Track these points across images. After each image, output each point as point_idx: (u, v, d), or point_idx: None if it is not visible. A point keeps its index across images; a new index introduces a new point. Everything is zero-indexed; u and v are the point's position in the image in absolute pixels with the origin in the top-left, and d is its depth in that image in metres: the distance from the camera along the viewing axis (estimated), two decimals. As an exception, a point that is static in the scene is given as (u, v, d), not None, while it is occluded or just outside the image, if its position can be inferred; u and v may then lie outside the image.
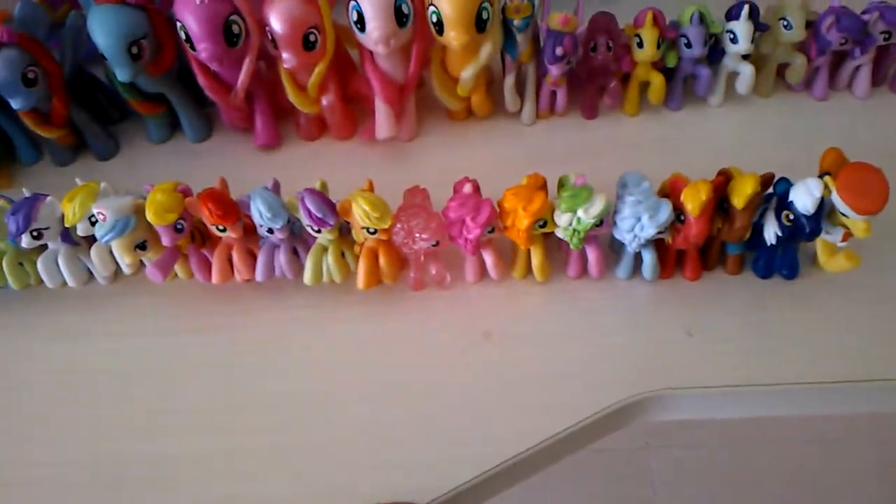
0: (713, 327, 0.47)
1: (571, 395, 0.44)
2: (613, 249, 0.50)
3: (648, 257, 0.47)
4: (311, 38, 0.51)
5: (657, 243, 0.48)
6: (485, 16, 0.50)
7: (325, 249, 0.47)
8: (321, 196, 0.44)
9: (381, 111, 0.56)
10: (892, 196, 0.51)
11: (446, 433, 0.43)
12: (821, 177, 0.42)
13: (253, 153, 0.60)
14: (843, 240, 0.43)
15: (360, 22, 0.50)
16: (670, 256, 0.48)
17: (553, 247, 0.50)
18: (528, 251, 0.48)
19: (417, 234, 0.44)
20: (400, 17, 0.50)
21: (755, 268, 0.49)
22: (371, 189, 0.46)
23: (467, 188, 0.46)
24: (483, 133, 0.60)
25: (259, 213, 0.44)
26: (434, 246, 0.46)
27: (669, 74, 0.58)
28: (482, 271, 0.50)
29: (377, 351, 0.48)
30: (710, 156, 0.56)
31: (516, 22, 0.52)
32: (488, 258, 0.48)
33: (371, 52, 0.54)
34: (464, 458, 0.42)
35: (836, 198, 0.41)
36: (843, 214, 0.41)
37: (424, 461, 0.42)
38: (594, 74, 0.57)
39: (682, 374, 0.45)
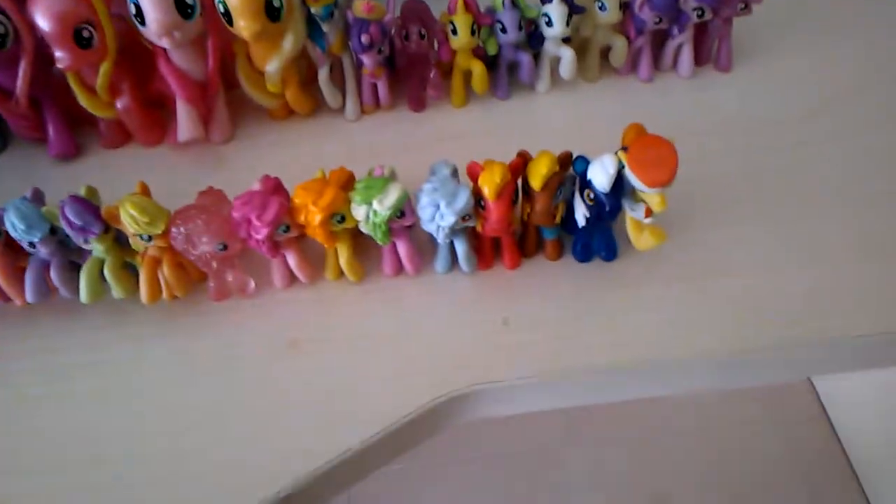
0: (531, 316, 0.45)
1: (378, 401, 0.41)
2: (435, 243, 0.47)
3: (461, 248, 0.45)
4: (85, 34, 0.46)
5: (473, 233, 0.45)
6: (276, 3, 0.46)
7: (101, 262, 0.42)
8: (83, 203, 0.40)
9: (183, 111, 0.51)
10: (710, 169, 0.51)
11: (243, 454, 0.39)
12: (616, 152, 0.41)
13: (52, 164, 0.55)
14: (647, 216, 0.41)
15: (140, 15, 0.46)
16: (486, 246, 0.46)
17: (369, 244, 0.46)
18: (336, 250, 0.45)
19: (197, 238, 0.40)
20: (183, 8, 0.46)
21: (574, 252, 0.47)
22: (144, 192, 0.42)
23: (256, 185, 0.42)
24: (305, 131, 0.57)
25: (13, 225, 0.39)
26: (223, 250, 0.42)
27: (493, 62, 0.57)
28: (291, 274, 0.46)
29: (172, 371, 0.43)
30: (540, 144, 0.54)
31: (314, 10, 0.49)
32: (291, 259, 0.45)
33: (164, 49, 0.49)
34: (254, 479, 0.38)
35: (628, 172, 0.39)
36: (639, 189, 0.40)
37: (224, 483, 0.38)
38: (412, 64, 0.55)
39: (495, 369, 0.42)
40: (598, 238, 0.46)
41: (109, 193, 0.52)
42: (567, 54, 0.55)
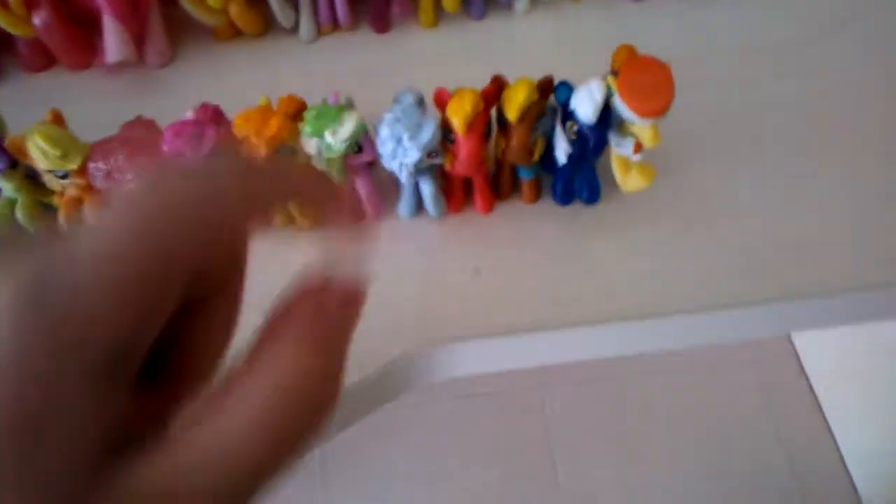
0: (505, 266, 0.40)
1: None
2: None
3: (428, 189, 0.40)
4: (-15, -69, 0.39)
5: (441, 172, 0.40)
6: None
7: (13, 203, 0.37)
8: (-20, 133, 0.34)
9: (111, 29, 0.45)
10: (706, 100, 0.46)
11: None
12: (605, 77, 0.35)
13: (-36, 90, 0.48)
14: (636, 151, 0.36)
15: None
16: (456, 187, 0.41)
17: (323, 183, 0.41)
18: (286, 190, 0.40)
19: (119, 175, 0.35)
20: None
21: (554, 194, 0.42)
22: (56, 121, 0.36)
23: (189, 114, 0.36)
24: (254, 54, 0.50)
25: None
26: (153, 190, 0.36)
27: (467, -23, 0.50)
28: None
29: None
30: (519, 69, 0.49)
31: None
32: (234, 201, 0.39)
33: (85, -46, 0.43)
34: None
35: (617, 100, 0.34)
36: (629, 121, 0.35)
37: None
38: (375, -23, 0.48)
39: (463, 324, 0.38)
40: (580, 178, 0.41)
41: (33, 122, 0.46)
42: (549, -32, 0.49)
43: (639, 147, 0.36)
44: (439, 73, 0.49)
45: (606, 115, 0.36)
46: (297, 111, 0.39)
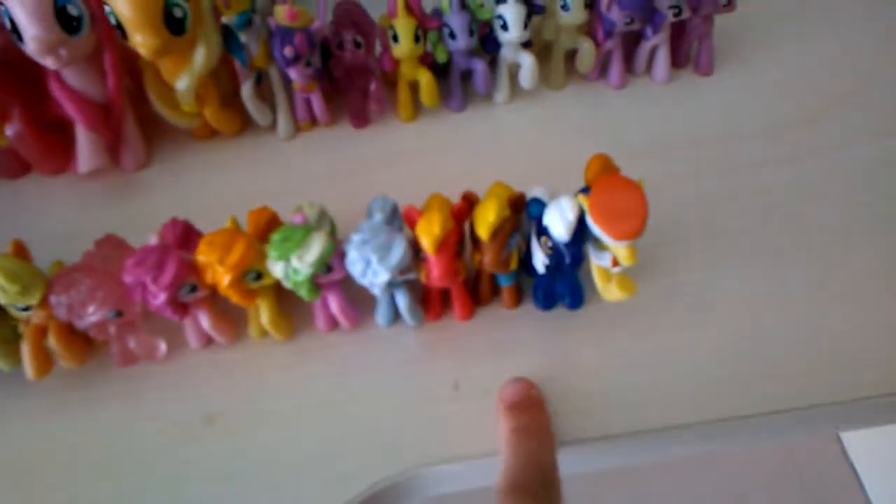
0: (486, 377, 0.39)
1: (308, 490, 0.35)
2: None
3: (403, 302, 0.39)
4: (-48, 54, 0.39)
5: (417, 283, 0.39)
6: (178, 13, 0.39)
7: (-25, 333, 0.36)
8: (-62, 270, 0.33)
9: (83, 139, 0.45)
10: (690, 191, 0.45)
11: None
12: (577, 194, 0.34)
13: (-60, 200, 0.48)
14: (614, 265, 0.35)
15: (17, 31, 0.39)
16: (433, 295, 0.40)
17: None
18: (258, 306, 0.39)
19: (81, 309, 0.34)
20: (67, 22, 0.39)
21: (535, 299, 0.41)
22: (18, 252, 0.35)
23: (153, 238, 0.36)
24: (232, 153, 0.50)
25: None
26: (117, 317, 0.35)
27: (445, 71, 0.50)
28: (208, 334, 0.40)
29: (65, 456, 0.37)
30: (498, 160, 0.49)
31: (226, 19, 0.42)
32: (204, 321, 0.38)
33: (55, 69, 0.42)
34: None
35: (589, 221, 0.33)
36: (603, 241, 0.34)
37: None
38: (350, 76, 0.48)
39: (443, 444, 0.36)
40: (561, 283, 0.40)
41: (8, 229, 0.46)
42: (527, 61, 0.48)
43: (616, 261, 0.35)
44: (420, 166, 0.49)
45: (581, 230, 0.34)
46: (268, 224, 0.38)
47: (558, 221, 0.33)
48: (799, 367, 0.38)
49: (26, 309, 0.34)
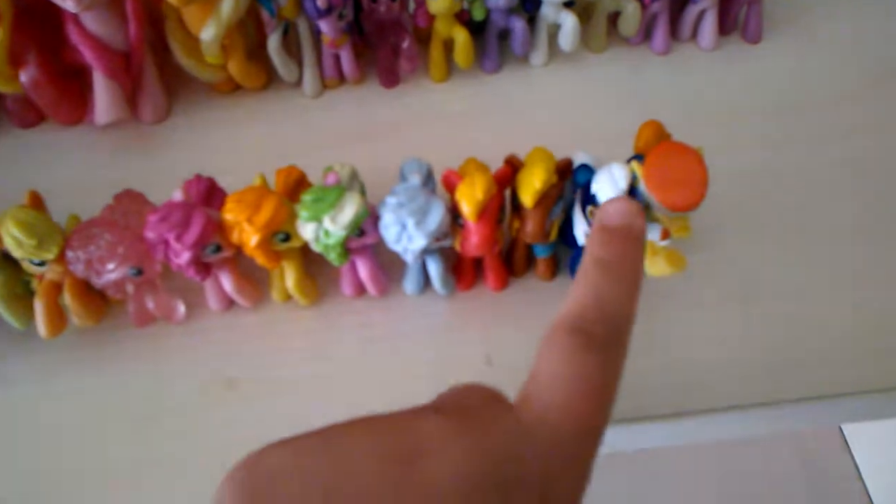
0: (519, 351, 0.37)
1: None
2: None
3: (435, 269, 0.37)
4: (-35, -9, 0.37)
5: (450, 251, 0.37)
6: (207, -44, 0.37)
7: (-12, 288, 0.34)
8: (-50, 219, 0.31)
9: (101, 88, 0.42)
10: (740, 165, 0.43)
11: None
12: (629, 161, 0.32)
13: (-49, 147, 0.46)
14: (663, 238, 0.33)
15: (34, -32, 0.36)
16: (466, 264, 0.38)
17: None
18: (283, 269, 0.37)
19: (99, 265, 0.32)
20: (88, -40, 0.37)
21: (572, 271, 0.39)
22: (34, 204, 0.33)
23: (177, 194, 0.34)
24: (255, 108, 0.48)
25: None
26: (137, 275, 0.34)
27: (480, 29, 0.47)
28: (229, 296, 0.38)
29: (77, 417, 0.36)
30: (534, 126, 0.47)
31: (256, -36, 0.40)
32: (227, 283, 0.36)
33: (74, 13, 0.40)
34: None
35: (643, 188, 0.31)
36: (657, 210, 0.31)
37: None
38: (382, 31, 0.45)
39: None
40: (601, 256, 0.38)
41: (22, 180, 0.44)
42: (568, 21, 0.46)
43: (667, 234, 0.33)
44: (451, 129, 0.47)
45: (632, 197, 0.32)
46: (296, 183, 0.36)
47: (610, 189, 0.31)
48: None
49: (41, 264, 0.33)
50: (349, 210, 0.32)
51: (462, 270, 0.38)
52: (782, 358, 0.36)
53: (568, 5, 0.46)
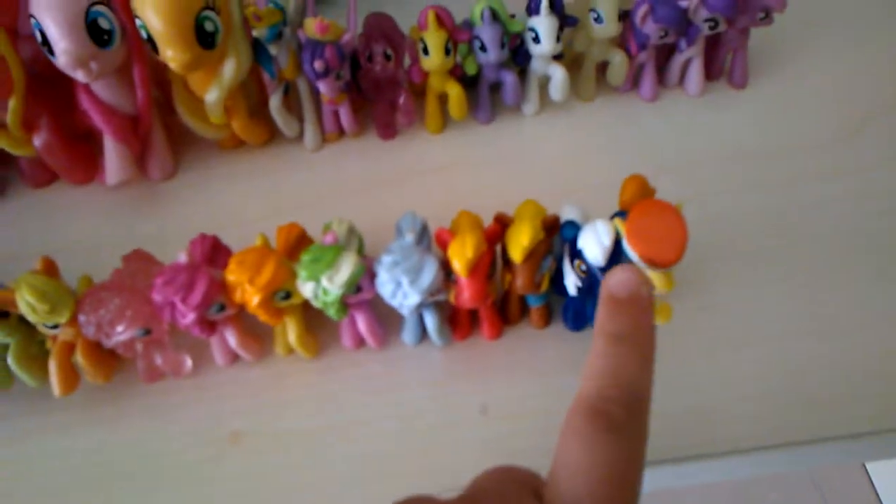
0: (514, 400, 0.38)
1: (332, 513, 0.35)
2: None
3: (431, 322, 0.38)
4: (-17, 67, 0.39)
5: (446, 303, 0.39)
6: (209, 27, 0.39)
7: (5, 348, 0.36)
8: (-32, 288, 0.33)
9: (111, 151, 0.44)
10: (725, 210, 0.44)
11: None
12: (613, 218, 0.34)
13: (-33, 208, 0.48)
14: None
15: (47, 44, 0.39)
16: (462, 314, 0.39)
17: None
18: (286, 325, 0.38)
19: (110, 328, 0.34)
20: (98, 35, 0.39)
21: (565, 319, 0.40)
22: (47, 270, 0.35)
23: (182, 257, 0.35)
24: (259, 163, 0.50)
25: None
26: (146, 335, 0.35)
27: (473, 83, 0.49)
28: (234, 351, 0.39)
29: (89, 472, 0.37)
30: (527, 173, 0.48)
31: (256, 32, 0.42)
32: (231, 339, 0.38)
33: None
34: None
35: (626, 245, 0.32)
36: (640, 265, 0.33)
37: None
38: (379, 88, 0.47)
39: (468, 472, 0.36)
40: (591, 304, 0.39)
41: (36, 239, 0.46)
42: (558, 73, 0.47)
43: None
44: (448, 178, 0.48)
45: (617, 252, 0.34)
46: (297, 240, 0.37)
47: (594, 245, 0.33)
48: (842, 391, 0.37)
49: (54, 326, 0.34)
50: (345, 270, 0.34)
51: (458, 321, 0.39)
52: (796, 397, 0.37)
53: (556, 57, 0.48)
